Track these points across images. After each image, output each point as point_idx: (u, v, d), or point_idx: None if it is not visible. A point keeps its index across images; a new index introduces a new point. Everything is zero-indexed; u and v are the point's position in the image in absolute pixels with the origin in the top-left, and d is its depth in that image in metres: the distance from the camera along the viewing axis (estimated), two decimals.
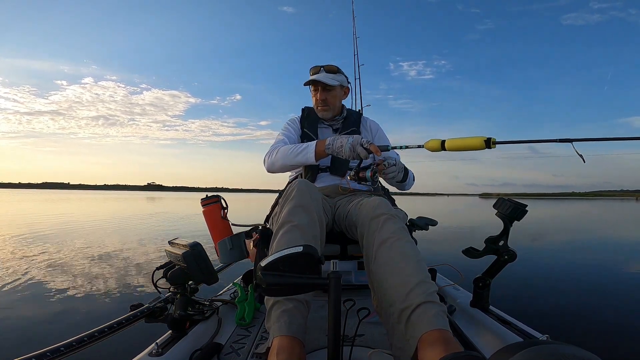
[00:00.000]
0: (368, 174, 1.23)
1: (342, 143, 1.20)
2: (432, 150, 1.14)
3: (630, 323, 2.24)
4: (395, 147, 1.22)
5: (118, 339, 0.90)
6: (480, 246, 1.16)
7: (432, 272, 1.41)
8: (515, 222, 1.13)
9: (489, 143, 1.05)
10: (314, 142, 1.30)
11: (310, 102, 1.65)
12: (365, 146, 1.17)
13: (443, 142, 1.13)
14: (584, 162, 1.00)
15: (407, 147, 1.21)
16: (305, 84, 1.53)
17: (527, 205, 1.11)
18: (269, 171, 1.43)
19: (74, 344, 0.76)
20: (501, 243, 1.14)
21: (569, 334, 2.08)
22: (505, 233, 1.13)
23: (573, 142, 1.01)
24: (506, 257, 1.13)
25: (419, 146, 1.18)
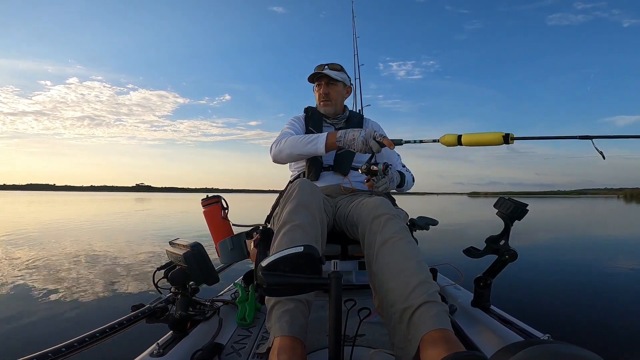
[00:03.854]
0: (380, 167, 1.19)
1: (354, 136, 1.18)
2: (448, 145, 1.12)
3: (631, 321, 2.24)
4: (409, 142, 1.18)
5: (119, 339, 0.90)
6: (481, 246, 1.16)
7: (433, 271, 1.41)
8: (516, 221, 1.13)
9: (507, 139, 1.03)
10: (324, 133, 1.28)
11: (311, 102, 1.66)
12: (378, 139, 1.14)
13: (459, 137, 1.10)
14: (604, 158, 1.00)
15: (421, 141, 1.17)
16: (309, 78, 1.55)
17: (527, 205, 1.10)
18: (274, 160, 1.42)
19: (75, 344, 0.76)
20: (502, 243, 1.13)
21: (571, 333, 2.07)
22: (506, 233, 1.13)
23: (593, 139, 1.01)
24: (507, 256, 1.12)
25: (435, 140, 1.15)
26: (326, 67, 1.53)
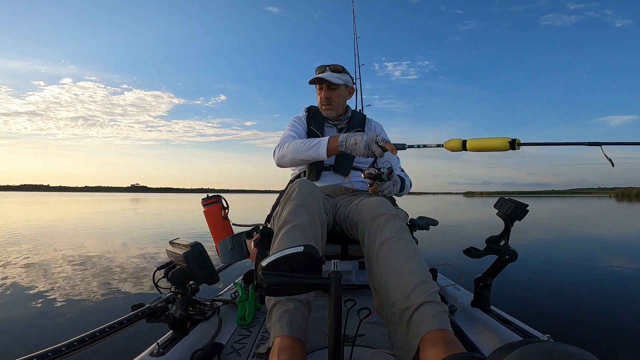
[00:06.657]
0: (385, 171, 1.19)
1: (356, 140, 1.17)
2: (452, 150, 1.10)
3: (632, 321, 2.24)
4: (412, 146, 1.16)
5: (119, 339, 0.90)
6: (481, 246, 1.16)
7: (433, 272, 1.41)
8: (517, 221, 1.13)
9: (513, 144, 1.02)
10: (326, 138, 1.27)
11: (310, 102, 1.66)
12: (380, 144, 1.14)
13: (464, 142, 1.09)
14: (613, 165, 0.97)
15: (425, 146, 1.16)
16: (310, 82, 1.53)
17: (528, 205, 1.10)
18: (278, 164, 1.42)
19: (75, 344, 0.77)
20: (502, 243, 1.13)
21: (572, 333, 2.07)
22: (506, 233, 1.13)
23: (602, 146, 1.00)
24: (507, 257, 1.12)
25: (439, 145, 1.13)
26: (327, 68, 1.51)
